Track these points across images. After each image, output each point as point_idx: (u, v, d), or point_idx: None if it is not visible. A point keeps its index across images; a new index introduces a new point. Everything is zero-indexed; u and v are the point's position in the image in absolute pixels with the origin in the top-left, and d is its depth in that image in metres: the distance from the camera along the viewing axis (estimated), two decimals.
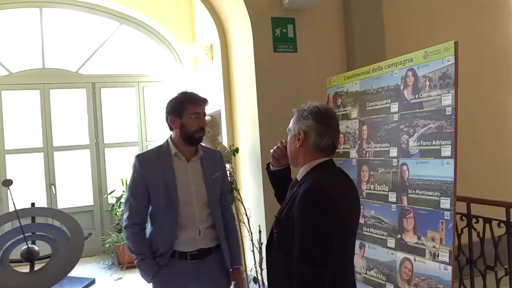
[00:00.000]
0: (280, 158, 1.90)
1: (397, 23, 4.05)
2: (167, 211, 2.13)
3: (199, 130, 2.15)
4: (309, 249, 1.42)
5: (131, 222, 2.13)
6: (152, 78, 6.11)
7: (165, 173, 2.14)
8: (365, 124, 2.93)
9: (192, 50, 5.27)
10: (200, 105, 2.16)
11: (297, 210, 1.47)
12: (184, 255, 2.13)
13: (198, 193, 2.18)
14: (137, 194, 2.14)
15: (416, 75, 2.52)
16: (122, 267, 4.97)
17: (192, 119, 2.13)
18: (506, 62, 4.81)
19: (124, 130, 6.08)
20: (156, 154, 2.20)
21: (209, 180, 2.22)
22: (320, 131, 1.58)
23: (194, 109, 2.14)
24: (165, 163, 2.16)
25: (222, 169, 2.35)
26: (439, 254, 2.29)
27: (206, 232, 2.18)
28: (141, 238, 2.16)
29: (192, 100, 2.16)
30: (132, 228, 2.13)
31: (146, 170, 2.14)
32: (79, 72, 5.83)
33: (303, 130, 1.61)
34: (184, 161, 2.20)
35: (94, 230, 5.62)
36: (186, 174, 2.18)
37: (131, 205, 2.14)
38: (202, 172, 2.22)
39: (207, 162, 2.25)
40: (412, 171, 2.50)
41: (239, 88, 3.91)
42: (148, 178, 2.13)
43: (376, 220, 2.76)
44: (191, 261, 2.14)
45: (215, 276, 2.23)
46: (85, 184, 5.87)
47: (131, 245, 2.14)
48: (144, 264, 2.12)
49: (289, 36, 3.56)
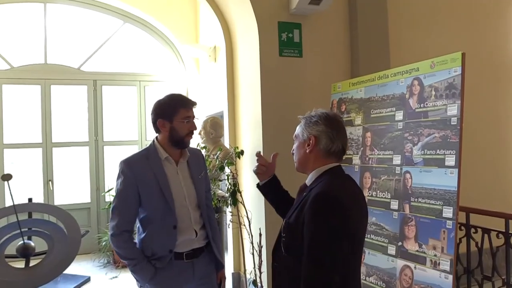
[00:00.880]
0: (264, 172, 1.94)
1: (401, 33, 4.08)
2: (164, 216, 2.09)
3: (189, 134, 2.13)
4: (319, 254, 1.42)
5: (120, 230, 2.03)
6: (154, 77, 6.11)
7: (158, 177, 2.07)
8: (369, 131, 2.95)
9: (195, 51, 5.29)
10: (191, 108, 2.13)
11: (307, 214, 1.47)
12: (180, 255, 2.13)
13: (190, 195, 2.17)
14: (128, 201, 2.06)
15: (422, 84, 2.54)
16: (118, 266, 4.95)
17: (183, 123, 2.09)
18: (506, 73, 4.85)
19: (124, 128, 6.07)
20: (145, 158, 2.11)
21: (196, 181, 2.21)
22: (331, 135, 1.59)
23: (186, 113, 2.10)
24: (156, 167, 2.09)
25: (205, 168, 2.35)
26: (440, 262, 2.31)
27: (200, 232, 2.19)
28: (133, 244, 2.10)
29: (184, 104, 2.11)
30: (122, 235, 2.04)
31: (137, 175, 2.06)
32: (81, 69, 5.82)
33: (313, 135, 1.61)
34: (174, 164, 2.16)
35: (90, 227, 5.60)
36: (177, 177, 2.15)
37: (121, 213, 2.05)
38: (189, 174, 2.21)
39: (193, 163, 2.25)
40: (415, 179, 2.52)
41: (243, 90, 3.92)
42: (140, 183, 2.06)
43: (377, 227, 2.77)
44: (187, 261, 2.14)
45: (207, 273, 2.24)
46: (83, 181, 5.84)
47: (123, 252, 2.06)
48: (140, 268, 2.06)
49: (295, 41, 3.58)
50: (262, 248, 3.25)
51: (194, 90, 5.85)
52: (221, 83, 4.39)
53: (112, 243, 2.08)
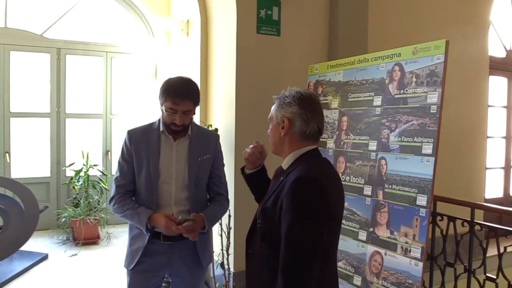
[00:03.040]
0: (255, 161, 1.81)
1: (381, 18, 4.05)
2: (146, 189, 2.06)
3: (173, 125, 2.02)
4: (299, 241, 1.36)
5: (116, 192, 2.10)
6: (122, 49, 5.83)
7: (149, 150, 2.07)
8: (345, 115, 2.91)
9: (166, 23, 5.07)
10: (178, 104, 1.97)
11: (286, 199, 1.41)
12: (158, 235, 2.05)
13: (179, 174, 2.10)
14: (124, 170, 2.10)
15: (403, 70, 2.50)
16: (78, 243, 4.77)
17: (167, 113, 2.01)
18: (484, 65, 4.94)
19: (88, 101, 5.77)
20: (145, 130, 2.14)
21: (194, 161, 2.12)
22: (305, 117, 1.52)
23: (171, 104, 1.98)
24: (151, 140, 2.09)
25: (215, 153, 2.22)
26: (411, 249, 2.32)
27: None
28: (129, 198, 2.11)
29: (171, 95, 1.98)
30: (118, 195, 2.09)
31: (133, 145, 2.09)
32: (44, 35, 5.46)
33: (287, 117, 1.54)
34: (171, 140, 2.11)
35: (50, 203, 5.33)
36: (170, 153, 2.10)
37: (117, 180, 2.11)
38: (188, 153, 2.12)
39: (197, 143, 2.15)
40: (391, 166, 2.50)
41: (217, 66, 3.79)
42: (134, 154, 2.09)
43: (349, 212, 2.76)
44: (164, 242, 2.06)
45: (188, 261, 2.14)
46: (43, 155, 5.55)
47: (118, 206, 2.07)
48: (137, 213, 2.03)
49: (274, 18, 3.47)
50: (231, 230, 3.19)
51: (164, 65, 5.64)
52: (193, 58, 4.23)
53: (110, 207, 2.13)
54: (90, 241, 4.88)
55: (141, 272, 2.09)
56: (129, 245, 2.15)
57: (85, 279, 3.90)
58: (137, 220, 2.03)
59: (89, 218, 4.87)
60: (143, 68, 5.87)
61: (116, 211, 2.09)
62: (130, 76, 5.90)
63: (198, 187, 2.14)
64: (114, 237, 5.08)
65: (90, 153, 5.32)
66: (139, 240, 2.08)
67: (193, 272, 2.16)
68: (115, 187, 2.11)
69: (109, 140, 5.78)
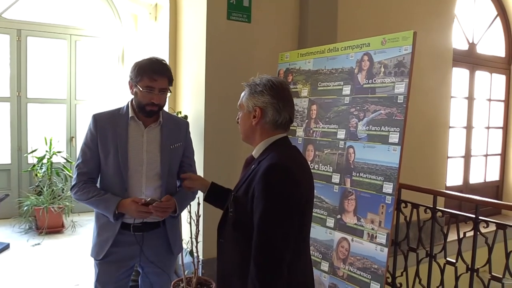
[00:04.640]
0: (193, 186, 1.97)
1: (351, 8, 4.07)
2: (115, 177, 2.00)
3: (150, 104, 1.97)
4: (270, 228, 1.37)
5: (78, 179, 2.01)
6: (87, 32, 5.64)
7: (117, 136, 1.99)
8: (315, 103, 2.93)
9: (133, 6, 4.92)
10: (156, 80, 1.94)
11: (258, 187, 1.40)
12: (127, 226, 2.01)
13: (150, 162, 2.05)
14: (87, 156, 2.02)
15: (372, 60, 2.54)
16: (41, 232, 4.64)
17: (144, 92, 1.94)
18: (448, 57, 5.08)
19: (51, 85, 5.56)
20: (112, 115, 2.05)
21: (165, 149, 2.07)
22: (278, 106, 1.51)
23: (149, 82, 1.93)
24: (120, 126, 2.01)
25: (185, 141, 2.20)
26: (377, 236, 2.38)
27: None
28: (93, 185, 2.04)
29: (149, 72, 1.94)
30: (81, 182, 2.01)
31: (99, 130, 2.00)
32: (3, 15, 5.20)
33: (259, 106, 1.52)
34: (141, 126, 2.05)
35: (10, 191, 5.16)
36: (140, 140, 2.03)
37: (79, 167, 2.03)
38: (159, 140, 2.07)
39: (168, 130, 2.10)
40: (358, 154, 2.55)
41: (186, 52, 3.72)
42: (100, 139, 2.00)
43: (317, 199, 2.80)
44: (134, 233, 2.02)
45: (159, 251, 2.11)
46: (3, 141, 5.33)
47: (82, 193, 1.99)
48: (104, 200, 1.97)
49: (244, 5, 3.43)
50: (200, 217, 3.18)
51: (130, 49, 5.50)
52: (162, 43, 4.14)
53: (72, 195, 2.05)
54: (54, 230, 4.76)
55: (112, 263, 2.05)
56: (96, 234, 2.09)
57: (48, 269, 3.81)
58: (103, 207, 1.97)
59: (52, 207, 4.74)
60: (109, 53, 5.70)
61: (79, 198, 2.01)
62: (95, 61, 5.72)
63: (170, 175, 2.11)
64: (79, 226, 4.97)
65: (53, 139, 5.15)
66: (107, 230, 2.02)
67: (164, 261, 2.14)
68: (77, 174, 2.03)
69: (74, 126, 5.62)
